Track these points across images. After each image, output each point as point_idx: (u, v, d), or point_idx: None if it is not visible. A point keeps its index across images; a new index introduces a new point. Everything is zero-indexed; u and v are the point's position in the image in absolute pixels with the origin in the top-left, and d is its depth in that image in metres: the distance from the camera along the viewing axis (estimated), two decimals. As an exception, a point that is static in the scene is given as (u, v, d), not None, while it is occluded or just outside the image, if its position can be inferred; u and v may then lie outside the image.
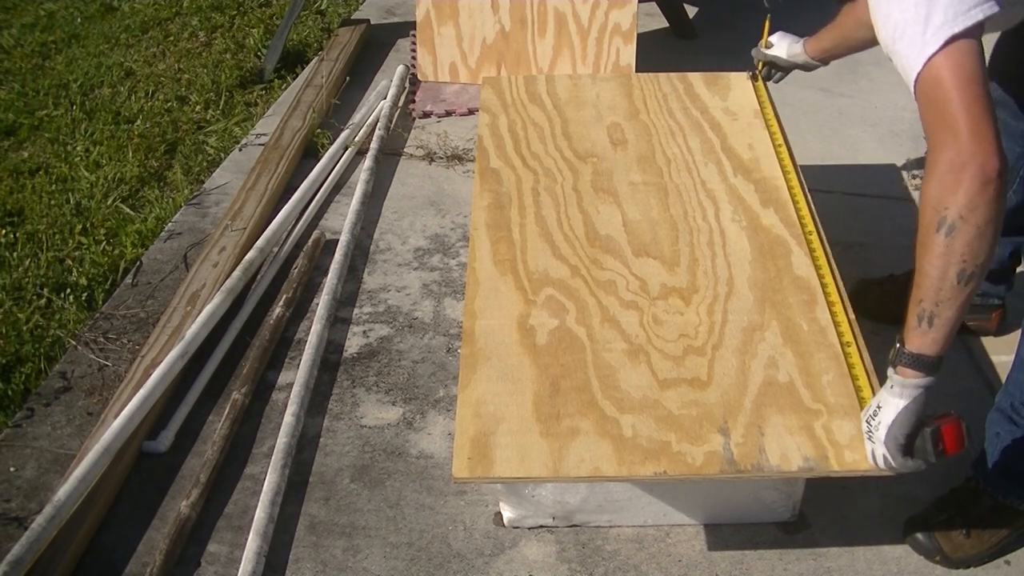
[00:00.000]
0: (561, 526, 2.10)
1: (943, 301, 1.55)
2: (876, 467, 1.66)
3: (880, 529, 2.08)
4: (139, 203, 3.32)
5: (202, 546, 2.09)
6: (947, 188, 1.50)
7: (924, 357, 1.60)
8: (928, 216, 1.53)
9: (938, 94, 1.53)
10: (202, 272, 2.79)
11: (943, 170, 1.51)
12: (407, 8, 4.71)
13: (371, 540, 2.10)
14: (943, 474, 2.13)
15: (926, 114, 1.57)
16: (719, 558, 2.04)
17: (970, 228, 1.49)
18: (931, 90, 1.54)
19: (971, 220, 1.49)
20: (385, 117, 3.62)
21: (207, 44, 4.52)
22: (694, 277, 2.08)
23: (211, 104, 3.95)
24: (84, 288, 2.86)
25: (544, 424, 1.77)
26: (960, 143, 1.50)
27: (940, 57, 1.52)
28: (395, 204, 3.22)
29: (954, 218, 1.49)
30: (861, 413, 1.74)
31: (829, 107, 3.72)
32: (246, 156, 3.49)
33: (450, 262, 2.93)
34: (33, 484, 2.23)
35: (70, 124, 3.84)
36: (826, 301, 2.01)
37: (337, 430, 2.38)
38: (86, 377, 2.53)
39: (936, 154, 1.53)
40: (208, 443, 2.30)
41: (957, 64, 1.52)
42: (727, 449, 1.71)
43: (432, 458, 2.29)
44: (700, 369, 1.86)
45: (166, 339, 2.54)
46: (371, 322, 2.71)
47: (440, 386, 2.49)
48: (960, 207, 1.49)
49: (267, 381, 2.51)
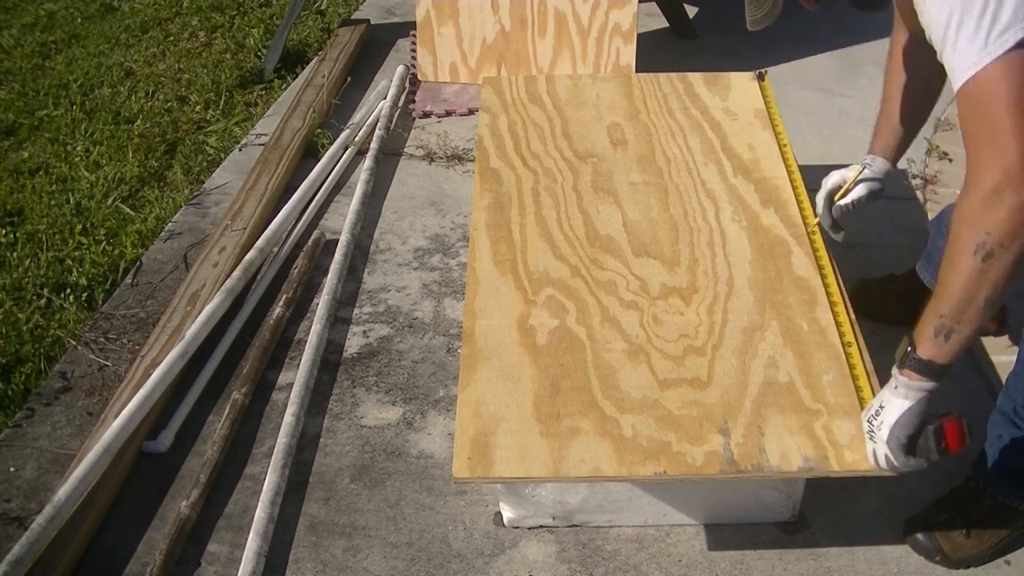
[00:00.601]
0: (561, 526, 2.10)
1: (966, 321, 1.51)
2: (877, 467, 1.66)
3: (880, 529, 2.08)
4: (139, 203, 3.32)
5: (202, 546, 2.09)
6: (989, 211, 1.42)
7: (935, 364, 1.58)
8: (964, 236, 1.46)
9: (991, 107, 1.40)
10: (202, 272, 2.79)
11: (986, 190, 1.42)
12: (407, 8, 4.71)
13: (371, 540, 2.10)
14: (944, 474, 2.13)
15: (972, 124, 1.46)
16: (719, 558, 2.04)
17: (1009, 257, 1.43)
18: (983, 100, 1.42)
19: (1012, 248, 1.42)
20: (385, 117, 3.62)
21: (207, 44, 4.52)
22: (694, 277, 2.08)
23: (211, 104, 3.95)
24: (84, 288, 2.86)
25: (544, 424, 1.77)
26: (1009, 166, 1.40)
27: (1001, 65, 1.38)
28: (395, 204, 3.22)
29: (994, 245, 1.42)
30: (862, 413, 1.74)
31: (829, 107, 3.72)
32: (246, 156, 3.49)
33: (450, 262, 2.93)
34: (33, 484, 2.23)
35: (70, 124, 3.84)
36: (827, 301, 2.01)
37: (337, 430, 2.38)
38: (86, 377, 2.53)
39: (980, 171, 1.44)
40: (208, 443, 2.30)
41: (1020, 77, 1.39)
42: (727, 449, 1.71)
43: (432, 458, 2.29)
44: (700, 369, 1.86)
45: (166, 339, 2.54)
46: (371, 322, 2.71)
47: (440, 386, 2.49)
48: (1002, 235, 1.41)
49: (267, 381, 2.51)
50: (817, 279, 2.06)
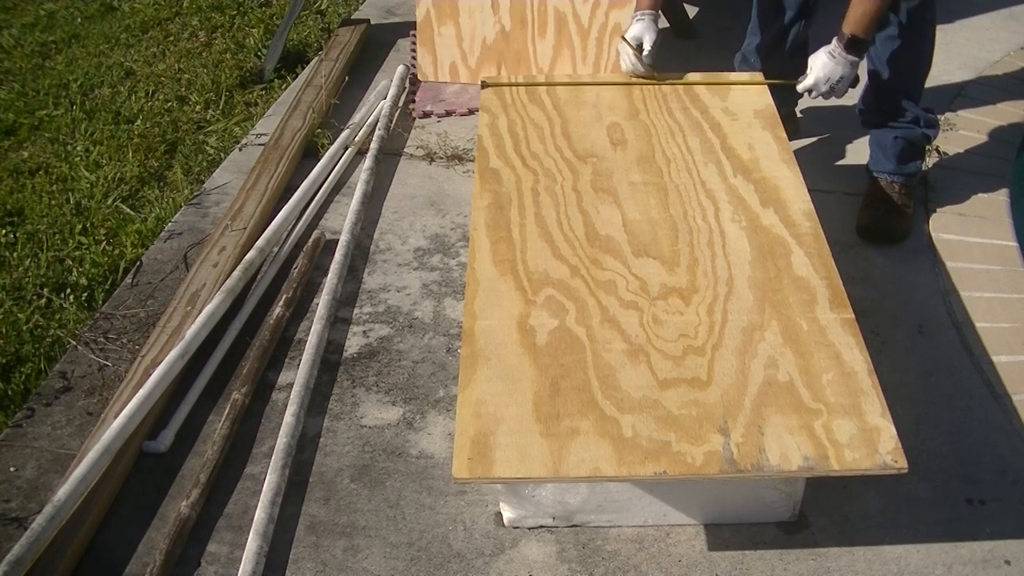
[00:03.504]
0: (561, 526, 2.10)
1: None
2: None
3: (880, 529, 2.08)
4: (139, 203, 3.32)
5: (202, 546, 2.09)
6: None
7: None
8: None
9: None
10: (202, 272, 2.79)
11: None
12: (407, 8, 4.71)
13: (371, 540, 2.10)
14: (939, 471, 2.14)
15: None
16: (719, 558, 2.04)
17: None
18: None
19: None
20: (385, 117, 3.62)
21: (207, 44, 4.52)
22: (694, 277, 2.08)
23: (211, 104, 3.95)
24: (84, 288, 2.86)
25: (544, 424, 1.77)
26: None
27: None
28: (395, 204, 3.22)
29: None
30: (814, 84, 2.60)
31: (827, 106, 3.71)
32: (246, 156, 3.49)
33: (450, 262, 2.93)
34: (33, 484, 2.23)
35: (70, 124, 3.84)
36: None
37: (337, 430, 2.38)
38: (86, 377, 2.53)
39: None
40: (208, 443, 2.31)
41: None
42: (727, 449, 1.71)
43: (432, 458, 2.29)
44: (700, 369, 1.87)
45: (166, 339, 2.54)
46: (371, 322, 2.71)
47: (440, 386, 2.49)
48: None
49: (267, 381, 2.51)
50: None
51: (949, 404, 2.34)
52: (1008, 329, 2.58)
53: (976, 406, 2.37)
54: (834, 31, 2.59)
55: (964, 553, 2.03)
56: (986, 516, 2.11)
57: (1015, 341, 2.55)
